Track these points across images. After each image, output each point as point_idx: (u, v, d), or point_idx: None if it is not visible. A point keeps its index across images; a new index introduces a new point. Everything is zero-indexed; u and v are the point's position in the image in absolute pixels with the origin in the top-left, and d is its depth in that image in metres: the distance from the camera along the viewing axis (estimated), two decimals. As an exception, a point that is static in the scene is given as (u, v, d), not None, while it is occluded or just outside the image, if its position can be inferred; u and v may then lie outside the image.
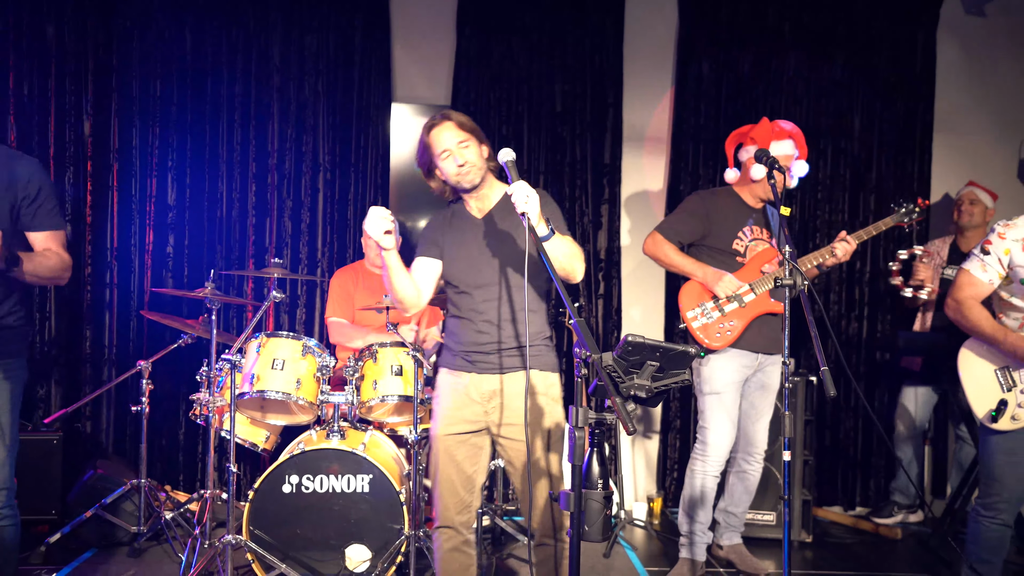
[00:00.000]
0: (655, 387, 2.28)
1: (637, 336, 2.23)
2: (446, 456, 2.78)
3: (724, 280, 3.65)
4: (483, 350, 2.76)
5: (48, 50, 4.67)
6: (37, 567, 3.73)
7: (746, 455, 3.86)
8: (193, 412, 3.98)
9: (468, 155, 2.74)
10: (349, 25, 4.86)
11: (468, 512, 2.82)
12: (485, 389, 2.76)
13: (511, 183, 2.49)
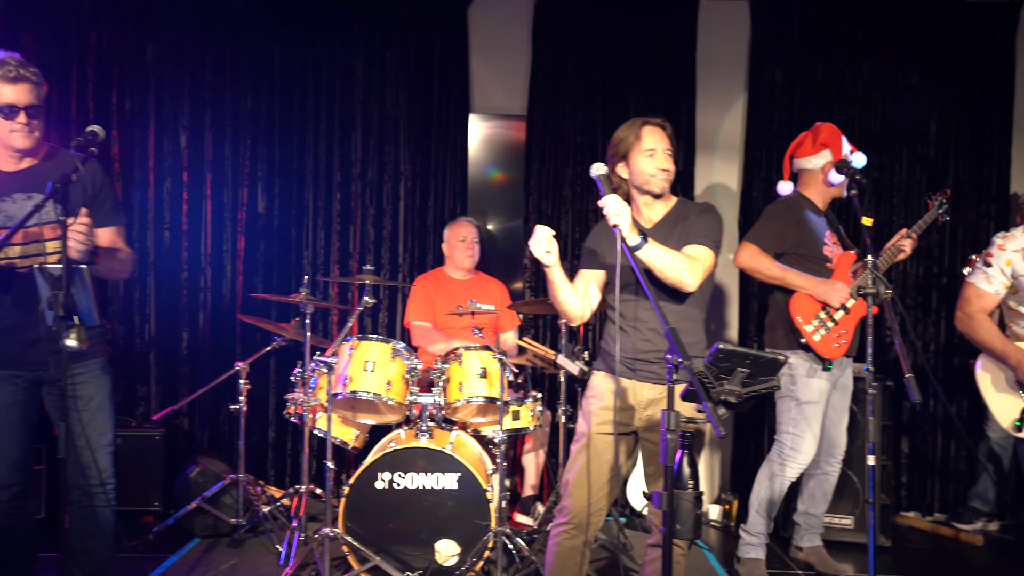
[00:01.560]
0: (745, 393, 2.38)
1: (728, 344, 2.33)
2: (594, 455, 2.82)
3: (838, 290, 3.64)
4: (646, 358, 2.80)
5: (148, 68, 4.95)
6: (145, 555, 3.98)
7: (828, 457, 3.91)
8: (287, 411, 4.19)
9: (670, 164, 2.82)
10: (429, 39, 5.04)
11: (600, 514, 2.84)
12: (644, 397, 2.81)
13: (603, 196, 2.60)
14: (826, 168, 3.81)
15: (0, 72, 2.73)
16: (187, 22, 4.93)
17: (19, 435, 2.87)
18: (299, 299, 3.97)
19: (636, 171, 2.84)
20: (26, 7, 4.82)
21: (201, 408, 5.00)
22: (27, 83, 2.76)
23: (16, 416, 2.87)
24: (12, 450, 2.86)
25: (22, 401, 2.88)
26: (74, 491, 2.92)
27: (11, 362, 2.84)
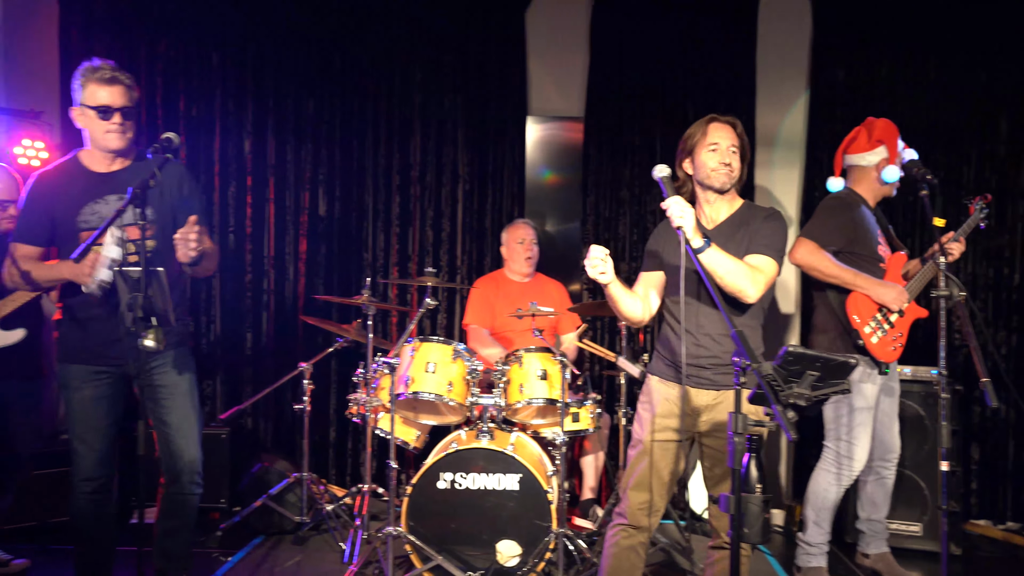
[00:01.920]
0: (815, 396, 2.35)
1: (797, 347, 2.31)
2: (648, 460, 2.83)
3: (899, 292, 3.57)
4: (700, 363, 2.78)
5: (213, 75, 5.06)
6: (214, 550, 4.07)
7: (884, 461, 3.83)
8: (349, 411, 4.25)
9: (734, 160, 2.80)
10: (486, 43, 5.07)
11: (656, 516, 2.85)
12: (698, 403, 2.80)
13: (666, 198, 2.60)
14: (880, 165, 3.72)
15: (96, 75, 2.88)
16: (251, 29, 5.04)
17: (104, 429, 2.99)
18: (361, 301, 4.02)
19: (699, 165, 2.83)
20: (98, 18, 4.97)
21: (264, 407, 5.10)
22: (121, 86, 2.91)
23: (102, 410, 2.98)
24: (98, 443, 2.98)
25: (108, 396, 2.99)
26: (165, 476, 3.03)
27: (98, 358, 2.95)
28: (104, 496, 3.04)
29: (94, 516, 3.02)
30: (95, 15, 4.98)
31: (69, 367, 2.99)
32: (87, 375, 2.97)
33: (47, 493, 4.31)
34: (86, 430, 2.97)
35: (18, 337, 3.56)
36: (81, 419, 2.98)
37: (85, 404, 2.97)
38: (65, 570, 3.78)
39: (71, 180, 2.95)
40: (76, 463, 3.00)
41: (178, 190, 3.06)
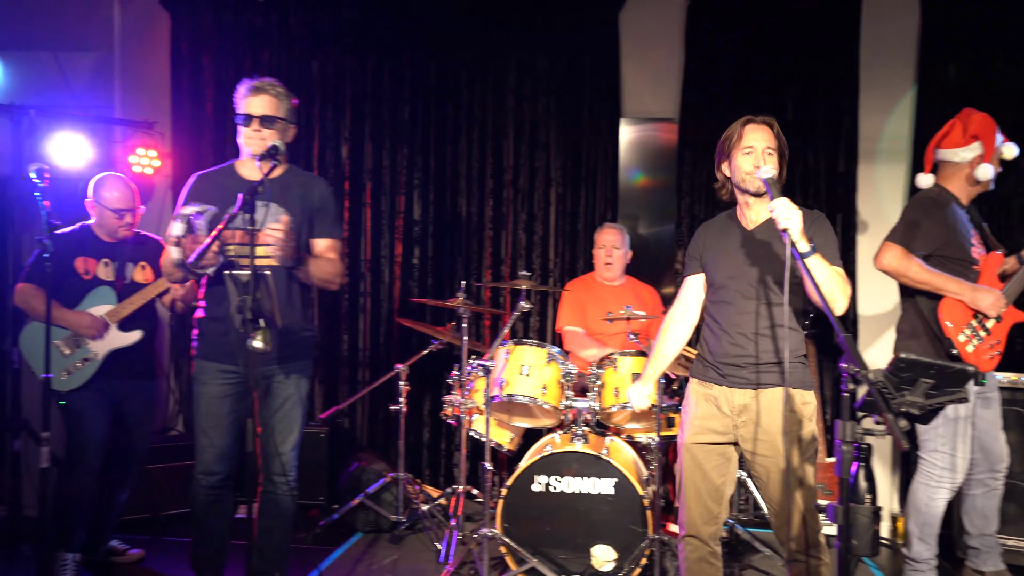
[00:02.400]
0: (929, 404, 2.27)
1: (911, 354, 2.23)
2: (694, 465, 2.82)
3: (996, 296, 3.39)
4: (737, 363, 2.78)
5: (312, 83, 5.21)
6: (313, 547, 4.19)
7: (992, 472, 3.64)
8: (444, 412, 4.30)
9: (769, 162, 2.76)
10: (579, 46, 5.06)
11: (715, 523, 2.84)
12: (736, 403, 2.78)
13: (771, 199, 2.54)
14: (975, 162, 3.52)
15: (246, 87, 3.08)
16: (348, 38, 5.16)
17: (227, 426, 3.10)
18: (456, 304, 4.07)
19: (734, 168, 2.82)
20: (206, 32, 5.18)
21: (360, 407, 5.21)
22: (266, 95, 3.07)
23: (225, 408, 3.10)
24: (219, 439, 3.10)
25: (234, 394, 3.10)
26: (263, 478, 3.14)
27: (229, 356, 3.06)
28: (222, 492, 3.15)
29: (211, 510, 3.14)
30: (203, 29, 5.19)
31: (203, 363, 3.12)
32: (217, 372, 3.09)
33: (160, 486, 4.52)
34: (210, 425, 3.09)
35: (136, 338, 3.73)
36: (206, 413, 3.10)
37: (211, 400, 3.09)
38: (177, 561, 3.97)
39: (223, 183, 3.08)
40: (198, 456, 3.12)
41: (319, 205, 3.17)
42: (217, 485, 3.13)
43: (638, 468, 3.92)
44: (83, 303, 3.68)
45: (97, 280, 3.72)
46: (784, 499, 2.71)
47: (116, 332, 3.70)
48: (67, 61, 5.13)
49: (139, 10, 5.24)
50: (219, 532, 3.19)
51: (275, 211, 3.08)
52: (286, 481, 3.18)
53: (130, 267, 3.80)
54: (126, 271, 3.79)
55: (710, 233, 2.95)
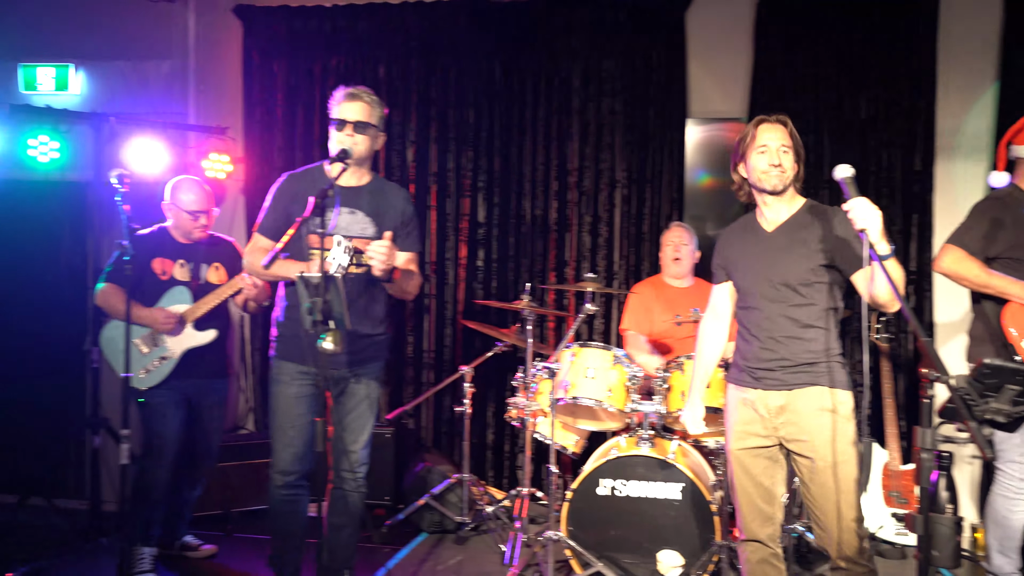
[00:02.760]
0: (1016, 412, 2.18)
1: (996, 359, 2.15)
2: (742, 470, 2.84)
3: None
4: (768, 366, 2.77)
5: (379, 87, 5.27)
6: (380, 545, 4.23)
7: None
8: (508, 414, 4.30)
9: (784, 160, 2.77)
10: (646, 46, 5.02)
11: (772, 525, 2.83)
12: (772, 405, 2.77)
13: (848, 199, 2.48)
14: None
15: (341, 93, 3.14)
16: (414, 41, 5.21)
17: (303, 427, 3.15)
18: (522, 306, 4.07)
19: (750, 168, 2.81)
20: (277, 39, 5.29)
21: (426, 409, 5.25)
22: (360, 102, 3.11)
23: (303, 408, 3.15)
24: (296, 439, 3.15)
25: (311, 395, 3.15)
26: (332, 476, 3.19)
27: (307, 358, 3.09)
28: (298, 491, 3.20)
29: (288, 509, 3.20)
30: (275, 36, 5.30)
31: (281, 363, 3.18)
32: (295, 373, 3.14)
33: (231, 484, 4.62)
34: (288, 424, 3.14)
35: (210, 337, 3.83)
36: (283, 413, 3.15)
37: (288, 400, 3.14)
38: (247, 557, 4.06)
39: (310, 185, 3.11)
40: (274, 456, 3.18)
41: (401, 214, 3.20)
42: (293, 485, 3.18)
43: (705, 473, 3.86)
44: (160, 303, 3.79)
45: (173, 281, 3.83)
46: (824, 502, 2.69)
47: (191, 331, 3.80)
48: (144, 69, 5.30)
49: (213, 19, 5.38)
50: (296, 531, 3.24)
51: (361, 219, 3.13)
52: (355, 479, 3.22)
53: (204, 268, 3.90)
54: (201, 272, 3.89)
55: (732, 239, 2.97)
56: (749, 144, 2.81)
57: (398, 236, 3.14)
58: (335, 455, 3.21)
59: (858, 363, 4.79)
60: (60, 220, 5.40)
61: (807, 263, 2.73)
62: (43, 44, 5.37)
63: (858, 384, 4.71)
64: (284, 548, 3.25)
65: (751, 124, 2.84)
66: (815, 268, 2.73)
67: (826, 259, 2.73)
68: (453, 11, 5.15)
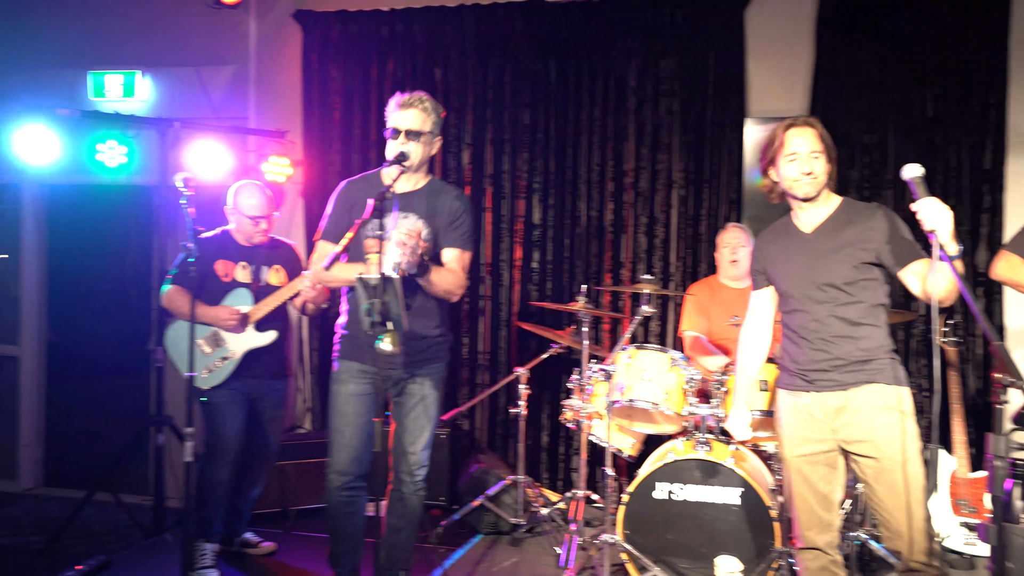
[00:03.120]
0: (1094, 419, 2.09)
1: (1074, 363, 2.06)
2: (799, 477, 2.79)
3: None
4: (821, 367, 2.72)
5: (435, 90, 5.30)
6: (435, 546, 4.25)
7: None
8: (563, 416, 4.28)
9: (815, 166, 2.73)
10: (703, 45, 4.95)
11: (830, 532, 2.79)
12: (829, 407, 2.72)
13: (917, 199, 2.42)
14: None
15: (397, 100, 3.14)
16: (470, 43, 5.23)
17: (361, 426, 3.17)
18: (577, 307, 4.06)
19: (782, 176, 2.77)
20: (334, 43, 5.36)
21: (480, 410, 5.26)
22: (413, 110, 3.11)
23: (361, 407, 3.17)
24: (354, 439, 3.17)
25: (369, 394, 3.17)
26: (392, 477, 3.21)
27: (366, 357, 3.13)
28: (355, 492, 3.21)
29: (345, 510, 3.22)
30: (332, 40, 5.37)
31: (343, 363, 3.22)
32: (355, 372, 3.17)
33: (289, 482, 4.69)
34: (344, 424, 3.17)
35: (271, 338, 3.89)
36: (339, 413, 3.18)
37: (346, 398, 3.17)
38: (305, 555, 4.11)
39: (368, 190, 3.12)
40: (331, 455, 3.20)
41: (449, 212, 3.19)
42: (350, 486, 3.19)
43: (764, 477, 3.79)
44: (223, 302, 3.86)
45: (235, 282, 3.90)
46: (893, 502, 2.63)
47: (252, 332, 3.87)
48: (206, 75, 5.41)
49: (273, 25, 5.48)
50: (353, 531, 3.26)
51: (414, 222, 3.14)
52: (414, 481, 3.22)
53: (265, 270, 3.97)
54: (262, 274, 3.96)
55: (769, 244, 2.92)
56: (778, 150, 2.77)
57: (444, 231, 3.14)
58: (395, 457, 3.23)
59: (924, 367, 4.67)
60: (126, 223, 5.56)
61: (851, 262, 2.70)
62: (111, 52, 5.52)
63: (924, 389, 4.62)
64: (342, 548, 3.28)
65: (778, 128, 2.79)
66: (859, 266, 2.70)
67: (870, 256, 2.70)
68: (509, 12, 5.16)
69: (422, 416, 3.22)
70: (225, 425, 3.84)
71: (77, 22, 5.60)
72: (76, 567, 3.74)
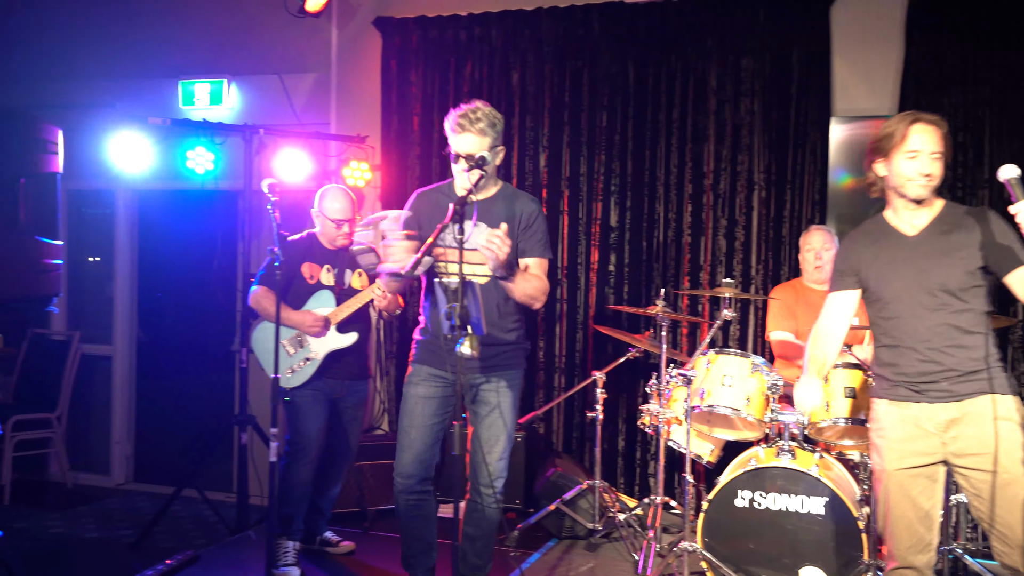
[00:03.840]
0: None
1: None
2: (899, 491, 2.66)
3: None
4: (931, 379, 2.60)
5: (512, 94, 5.31)
6: (511, 549, 4.25)
7: None
8: (641, 421, 4.24)
9: (934, 169, 2.61)
10: (786, 43, 4.84)
11: (928, 551, 2.66)
12: (941, 419, 2.60)
13: (1015, 202, 2.32)
14: None
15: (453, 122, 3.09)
16: (548, 46, 5.22)
17: (428, 429, 3.18)
18: (655, 311, 4.01)
19: (895, 172, 2.61)
20: (413, 48, 5.42)
21: (556, 413, 5.24)
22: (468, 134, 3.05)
23: (429, 410, 3.18)
24: (420, 443, 3.18)
25: (438, 398, 3.18)
26: (469, 487, 3.21)
27: (440, 361, 3.14)
28: (420, 494, 3.22)
29: (413, 513, 3.23)
30: (410, 46, 5.44)
31: (416, 367, 3.23)
32: (426, 375, 3.19)
33: (367, 482, 4.76)
34: (411, 425, 3.18)
35: (352, 340, 3.96)
36: (407, 414, 3.20)
37: (416, 400, 3.18)
38: (383, 554, 4.16)
39: (438, 202, 3.16)
40: (396, 458, 3.22)
41: (528, 223, 3.17)
42: (415, 489, 3.19)
43: (850, 487, 3.68)
44: (307, 306, 3.95)
45: (320, 285, 3.98)
46: (1010, 516, 2.51)
47: (335, 334, 3.94)
48: (289, 82, 5.55)
49: (353, 32, 5.58)
50: (423, 533, 3.28)
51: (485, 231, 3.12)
52: (492, 493, 3.18)
53: (348, 273, 4.04)
54: (345, 277, 4.03)
55: (863, 246, 2.75)
56: (897, 143, 2.61)
57: (520, 238, 3.13)
58: (472, 466, 3.21)
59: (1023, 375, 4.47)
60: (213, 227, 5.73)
61: (964, 266, 2.58)
62: (200, 61, 5.72)
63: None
64: (413, 550, 3.29)
65: (902, 121, 2.62)
66: (973, 271, 2.58)
67: (981, 261, 2.58)
68: (586, 14, 5.13)
69: (497, 424, 3.18)
70: (308, 424, 3.91)
71: (169, 33, 5.82)
72: (166, 561, 3.86)
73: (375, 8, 5.52)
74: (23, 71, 6.08)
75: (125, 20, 5.91)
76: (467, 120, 3.05)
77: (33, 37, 6.07)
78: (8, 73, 6.10)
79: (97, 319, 6.12)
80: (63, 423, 5.69)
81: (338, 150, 5.35)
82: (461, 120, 3.06)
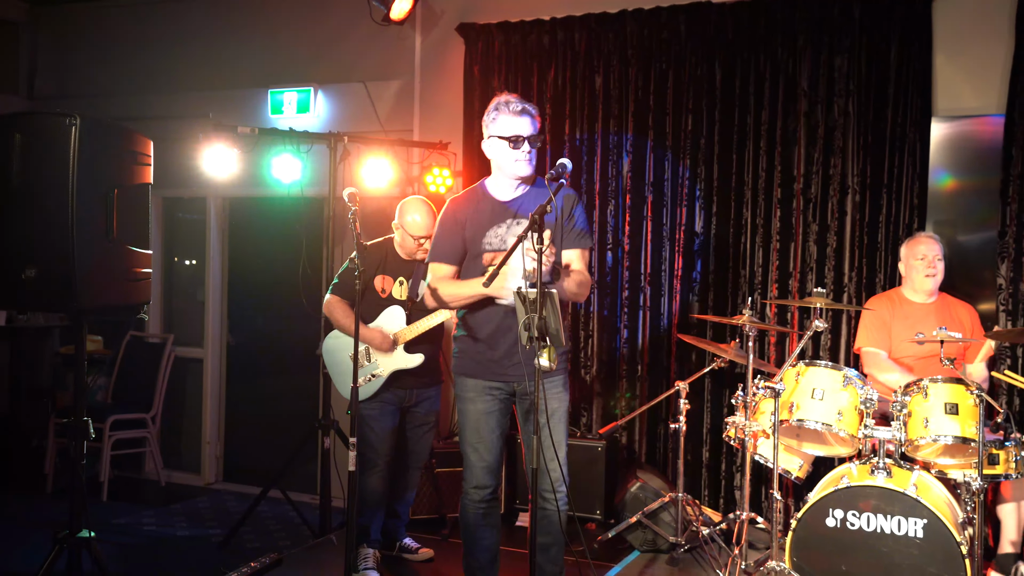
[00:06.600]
0: None
1: None
2: None
3: None
4: None
5: (596, 98, 5.23)
6: (592, 561, 4.16)
7: None
8: (726, 434, 4.10)
9: None
10: (883, 41, 4.62)
11: None
12: None
13: None
14: None
15: (509, 108, 3.13)
16: (632, 49, 5.12)
17: (494, 441, 3.20)
18: (742, 320, 3.87)
19: None
20: (495, 54, 5.40)
21: (638, 423, 5.14)
22: (529, 116, 3.13)
23: (492, 423, 3.19)
24: (487, 454, 3.19)
25: (498, 410, 3.20)
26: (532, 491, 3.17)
27: (492, 373, 3.15)
28: (490, 505, 3.23)
29: (482, 522, 3.23)
30: (493, 51, 5.42)
31: (465, 380, 3.23)
32: (481, 389, 3.18)
33: (445, 489, 4.75)
34: (478, 440, 3.19)
35: (418, 362, 3.97)
36: (474, 429, 3.20)
37: (478, 416, 3.19)
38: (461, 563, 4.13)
39: (478, 206, 3.20)
40: (467, 470, 3.24)
41: (566, 215, 3.16)
42: (487, 499, 3.22)
43: (952, 509, 3.47)
44: (377, 320, 3.97)
45: (391, 299, 4.00)
46: None
47: (401, 352, 3.95)
48: (374, 90, 5.62)
49: (436, 39, 5.60)
50: (489, 544, 3.27)
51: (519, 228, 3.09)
52: (555, 498, 3.17)
53: (422, 285, 4.03)
54: (419, 289, 4.03)
55: None
56: None
57: (558, 231, 3.09)
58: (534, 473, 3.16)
59: None
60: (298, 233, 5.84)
61: None
62: (289, 71, 5.84)
63: None
64: (479, 562, 3.28)
65: None
66: None
67: None
68: (672, 15, 5.01)
69: (558, 429, 3.17)
70: (375, 436, 3.94)
71: (260, 45, 5.97)
72: (251, 564, 3.93)
73: (458, 15, 5.52)
74: (124, 86, 6.36)
75: (219, 35, 6.10)
76: (528, 106, 3.13)
77: (137, 52, 6.34)
78: (112, 87, 6.38)
79: (189, 322, 6.32)
80: (157, 423, 5.89)
81: (420, 156, 5.37)
82: (522, 104, 3.13)
